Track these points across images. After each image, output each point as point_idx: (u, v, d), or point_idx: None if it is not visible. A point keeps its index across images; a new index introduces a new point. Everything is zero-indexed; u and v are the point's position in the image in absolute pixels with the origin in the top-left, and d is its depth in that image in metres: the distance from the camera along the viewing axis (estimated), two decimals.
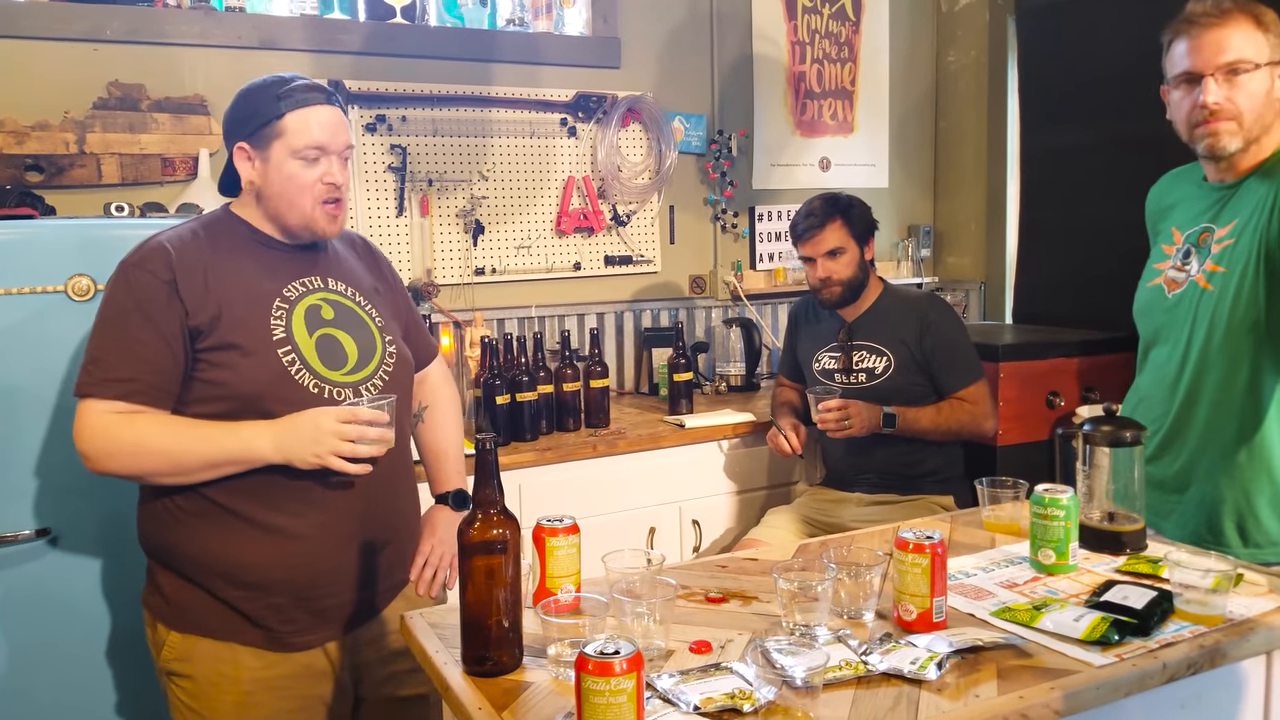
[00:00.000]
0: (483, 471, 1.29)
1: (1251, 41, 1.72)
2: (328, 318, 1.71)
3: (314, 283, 1.73)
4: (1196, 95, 1.74)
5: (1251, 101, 1.73)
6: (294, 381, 1.63)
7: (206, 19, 2.82)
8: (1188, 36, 1.76)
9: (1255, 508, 1.76)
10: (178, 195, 2.68)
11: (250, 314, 1.63)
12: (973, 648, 1.29)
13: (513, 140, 3.24)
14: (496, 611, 1.27)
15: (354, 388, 1.68)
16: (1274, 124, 1.77)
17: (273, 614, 1.63)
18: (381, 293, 1.85)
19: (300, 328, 1.66)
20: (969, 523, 1.87)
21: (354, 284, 1.79)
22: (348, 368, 1.69)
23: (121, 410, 1.57)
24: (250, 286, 1.66)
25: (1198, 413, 1.81)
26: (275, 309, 1.66)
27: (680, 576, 1.63)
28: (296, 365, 1.64)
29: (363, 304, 1.78)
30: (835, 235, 2.65)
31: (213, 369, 1.60)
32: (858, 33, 3.83)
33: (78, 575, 2.05)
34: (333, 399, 1.65)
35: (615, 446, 2.75)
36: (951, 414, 2.57)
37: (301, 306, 1.69)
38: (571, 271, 3.36)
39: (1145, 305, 1.96)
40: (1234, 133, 1.74)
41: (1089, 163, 3.37)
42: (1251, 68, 1.72)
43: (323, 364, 1.66)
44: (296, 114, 1.65)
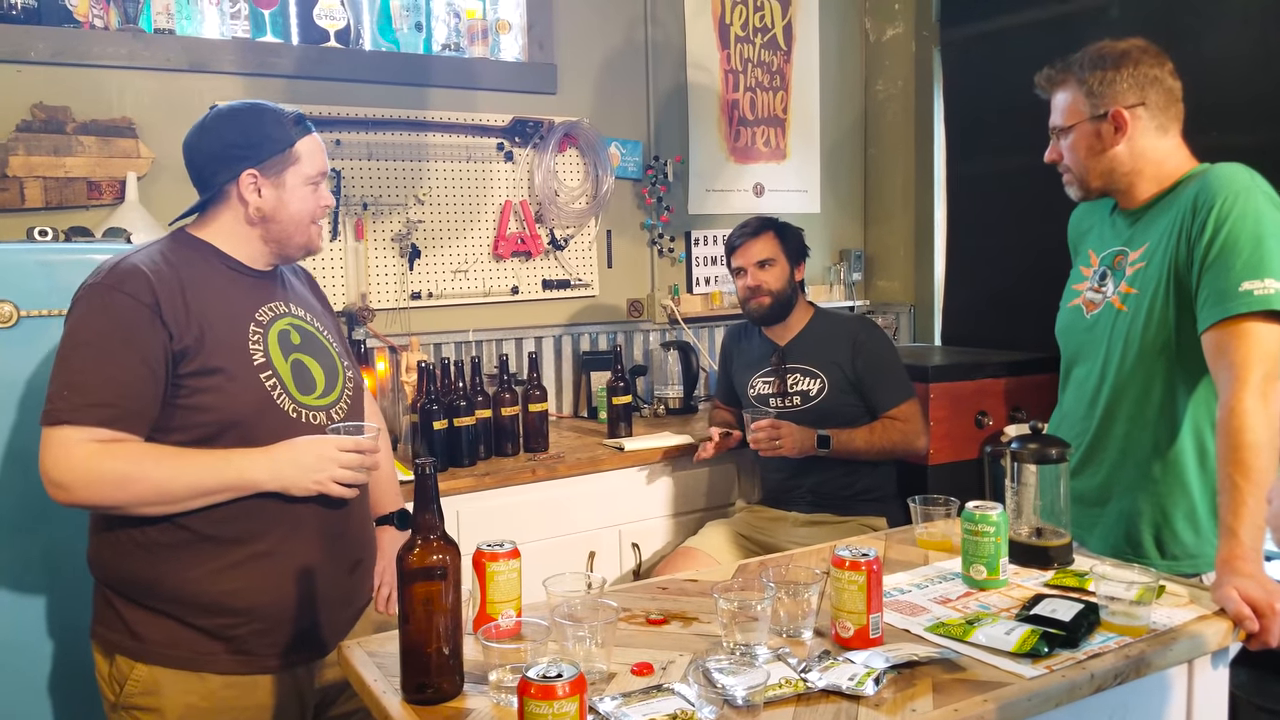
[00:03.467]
0: (422, 496, 1.28)
1: (1065, 105, 1.90)
2: (296, 342, 1.72)
3: (280, 308, 1.74)
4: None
5: (1074, 155, 1.89)
6: (275, 406, 1.64)
7: (135, 41, 2.77)
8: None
9: (1171, 521, 1.82)
10: (104, 219, 2.63)
11: (230, 337, 1.63)
12: (909, 663, 1.32)
13: (449, 165, 3.23)
14: (436, 638, 1.26)
15: (325, 411, 1.71)
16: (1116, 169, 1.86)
17: (255, 638, 1.62)
18: (329, 319, 1.88)
19: (276, 352, 1.67)
20: (903, 540, 1.91)
21: (309, 310, 1.82)
22: (318, 392, 1.72)
23: (103, 438, 1.51)
24: (227, 310, 1.65)
25: (1115, 429, 1.88)
26: (252, 333, 1.66)
27: (621, 598, 1.63)
28: (277, 390, 1.65)
29: (320, 329, 1.80)
30: (767, 246, 2.74)
31: (195, 394, 1.57)
32: (789, 62, 3.91)
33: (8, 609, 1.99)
34: (308, 423, 1.67)
35: (554, 470, 2.74)
36: (885, 433, 2.62)
37: (274, 331, 1.70)
38: (509, 295, 3.36)
39: (1065, 325, 2.03)
40: (1071, 183, 1.94)
41: (1011, 190, 3.47)
42: (1063, 131, 1.90)
43: (297, 388, 1.68)
44: (305, 142, 1.71)
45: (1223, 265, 1.67)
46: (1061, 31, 3.27)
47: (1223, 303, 1.66)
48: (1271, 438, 1.57)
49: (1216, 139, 2.83)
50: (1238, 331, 1.64)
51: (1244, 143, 2.73)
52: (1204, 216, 1.71)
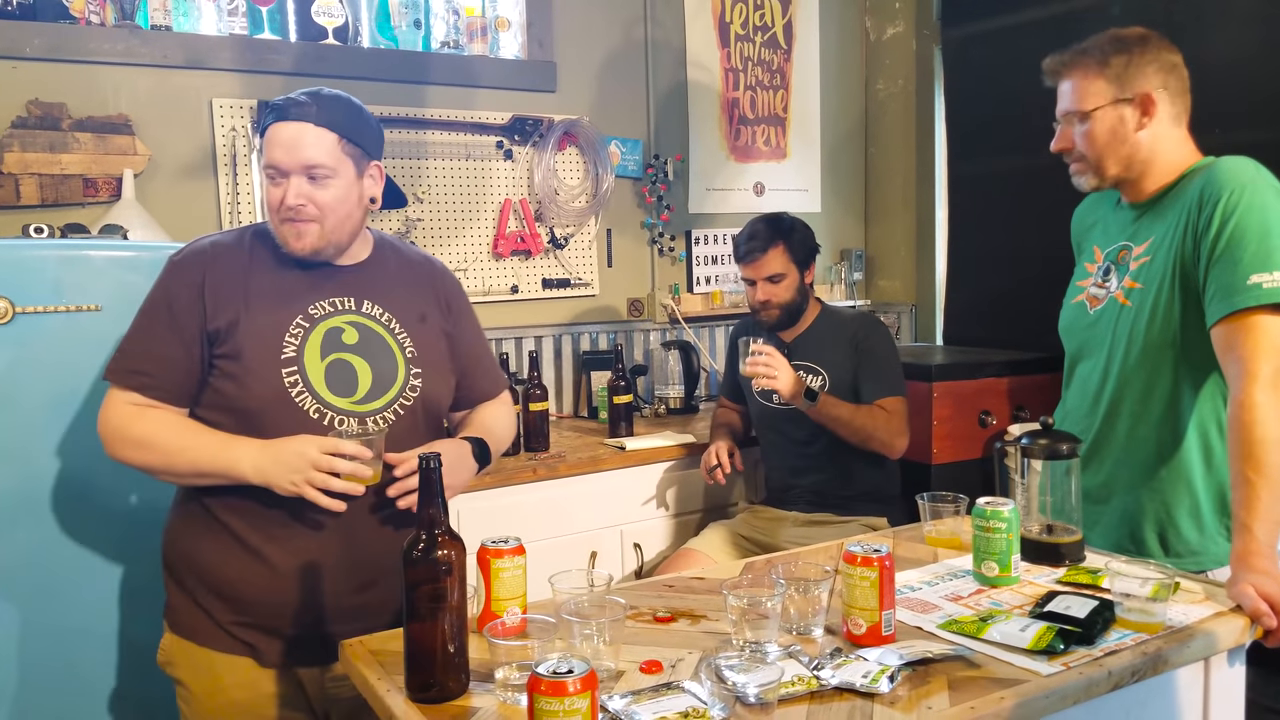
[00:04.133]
0: (427, 491, 1.26)
1: (1082, 89, 1.82)
2: (349, 342, 1.66)
3: (345, 304, 1.69)
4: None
5: (1091, 143, 1.82)
6: (293, 403, 1.59)
7: (131, 37, 2.75)
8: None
9: (1175, 518, 1.80)
10: (100, 216, 2.60)
11: (266, 328, 1.62)
12: (923, 660, 1.29)
13: (448, 163, 3.21)
14: (442, 635, 1.23)
15: (360, 417, 1.63)
16: (1137, 156, 1.82)
17: (249, 632, 1.62)
18: (430, 323, 1.77)
19: (314, 349, 1.63)
20: (910, 538, 1.89)
21: (394, 310, 1.73)
22: (358, 395, 1.64)
23: (138, 403, 1.62)
24: (275, 301, 1.64)
25: (1119, 426, 1.85)
26: (294, 327, 1.63)
27: (627, 596, 1.60)
28: (299, 387, 1.60)
29: (397, 331, 1.71)
30: (776, 261, 2.66)
31: (221, 378, 1.61)
32: (789, 60, 3.89)
33: None
34: (333, 426, 1.61)
35: (555, 470, 2.72)
36: (870, 416, 2.55)
37: (323, 327, 1.65)
38: (509, 294, 3.33)
39: (1069, 322, 2.00)
40: (1083, 172, 1.87)
41: (1013, 189, 3.46)
42: (1080, 117, 1.83)
43: (329, 389, 1.62)
44: (269, 131, 1.65)
45: (1230, 259, 1.65)
46: (1062, 30, 3.24)
47: (1231, 296, 1.64)
48: None
49: (1219, 137, 2.84)
50: (1247, 325, 1.62)
51: (1246, 141, 2.71)
52: (1210, 210, 1.69)
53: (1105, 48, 1.82)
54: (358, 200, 1.68)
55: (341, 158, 1.65)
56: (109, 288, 2.09)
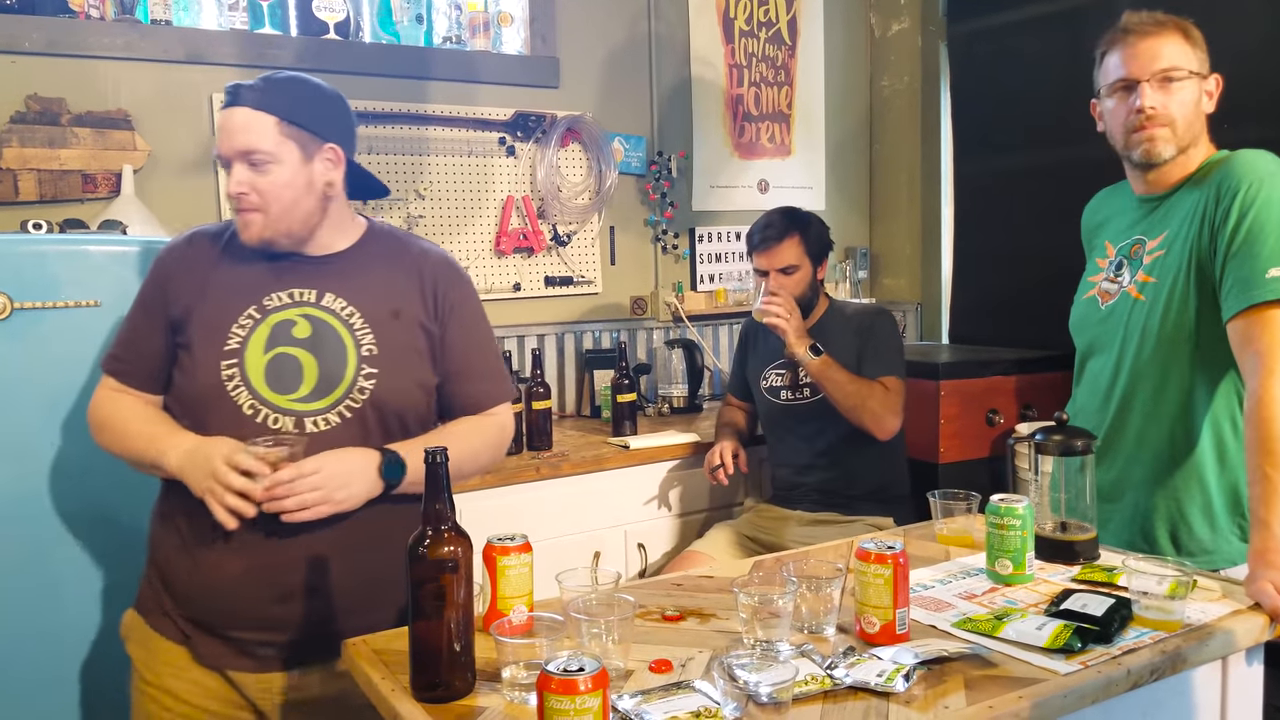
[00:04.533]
0: (433, 486, 1.23)
1: (1183, 52, 1.77)
2: (299, 336, 1.57)
3: (305, 295, 1.60)
4: (1133, 101, 1.77)
5: (1183, 109, 1.76)
6: (228, 397, 1.53)
7: (131, 31, 2.72)
8: (1123, 45, 1.79)
9: (1187, 516, 1.78)
10: (100, 212, 2.57)
11: (216, 318, 1.57)
12: (938, 658, 1.26)
13: (450, 159, 3.18)
14: (448, 634, 1.21)
15: (299, 417, 1.54)
16: (1200, 136, 1.81)
17: (187, 624, 1.59)
18: (405, 319, 1.63)
19: (259, 342, 1.56)
20: (922, 536, 1.86)
21: (360, 303, 1.61)
22: (300, 394, 1.55)
23: (114, 388, 1.65)
24: (231, 291, 1.59)
25: (1131, 422, 1.83)
26: (243, 318, 1.57)
27: (635, 595, 1.57)
28: (235, 381, 1.54)
29: (356, 326, 1.59)
30: (791, 252, 2.63)
31: (176, 368, 1.61)
32: (794, 57, 3.87)
33: None
34: (265, 425, 1.53)
35: (559, 469, 2.69)
36: (868, 388, 2.49)
37: (273, 319, 1.57)
38: (511, 292, 3.31)
39: (1080, 318, 1.98)
40: (1168, 139, 1.77)
41: (1020, 186, 3.43)
42: (1185, 75, 1.76)
43: (268, 385, 1.54)
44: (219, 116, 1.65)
45: (1248, 252, 1.63)
46: (1069, 25, 3.23)
47: (1248, 290, 1.62)
48: None
49: (1229, 133, 2.81)
50: (1264, 319, 1.60)
51: (1255, 137, 2.69)
52: (1228, 203, 1.67)
53: (1182, 23, 1.78)
54: (306, 186, 1.57)
55: (282, 141, 1.54)
56: (108, 283, 2.06)
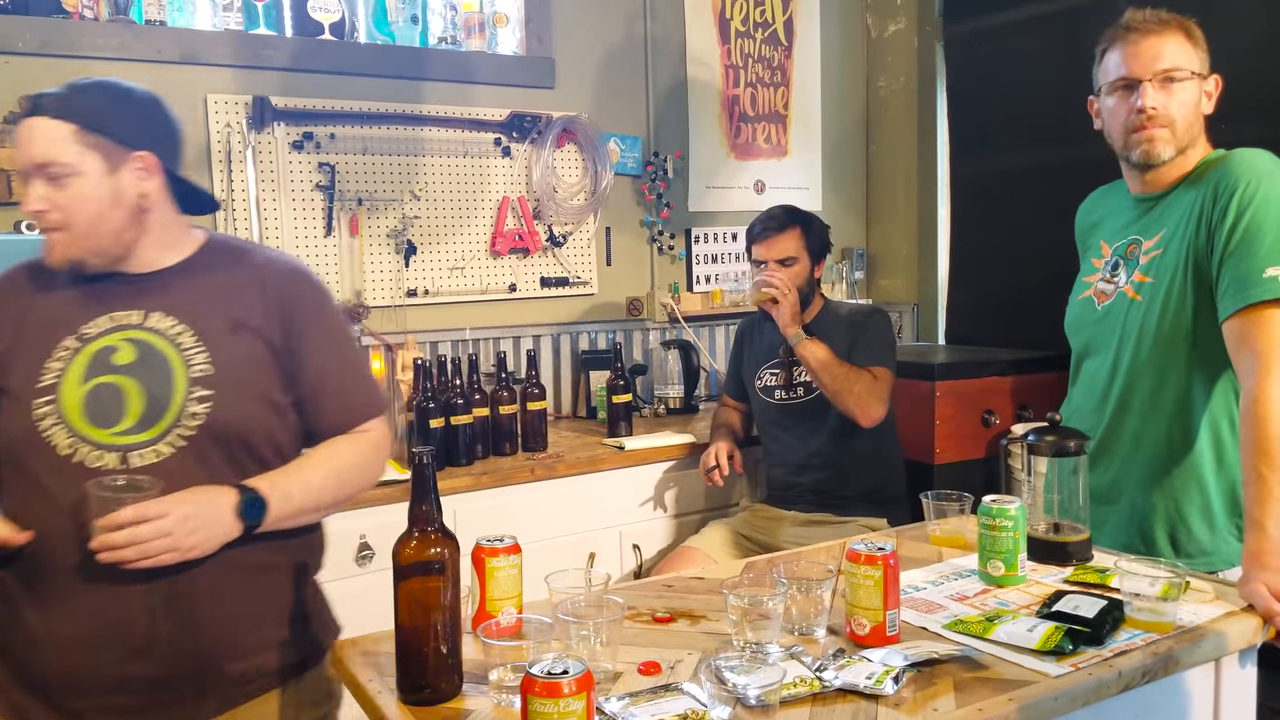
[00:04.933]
0: (419, 487, 1.22)
1: (1184, 52, 1.76)
2: (121, 362, 1.40)
3: (128, 317, 1.44)
4: (1133, 100, 1.76)
5: (1184, 110, 1.75)
6: (40, 439, 1.37)
7: (125, 32, 2.72)
8: (1124, 44, 1.78)
9: (1186, 518, 1.77)
10: None
11: (33, 354, 1.41)
12: (928, 661, 1.26)
13: (445, 159, 3.18)
14: (434, 636, 1.20)
15: (122, 452, 1.37)
16: (1199, 137, 1.80)
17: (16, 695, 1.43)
18: (246, 336, 1.47)
19: (76, 374, 1.39)
20: (914, 537, 1.85)
21: (191, 320, 1.45)
22: (123, 425, 1.38)
23: None
24: (50, 321, 1.43)
25: (1128, 423, 1.82)
26: (60, 349, 1.41)
27: (626, 596, 1.57)
28: (48, 420, 1.38)
29: (185, 346, 1.43)
30: (791, 243, 2.63)
31: None
32: (790, 57, 3.86)
33: None
34: (82, 465, 1.36)
35: (553, 470, 2.69)
36: (855, 373, 2.48)
37: (93, 347, 1.42)
38: (506, 293, 3.30)
39: (1076, 318, 1.97)
40: (1168, 140, 1.76)
41: (1017, 186, 3.42)
42: (1187, 75, 1.75)
43: (88, 420, 1.38)
44: None
45: (1245, 251, 1.62)
46: (1067, 25, 3.22)
47: (1245, 290, 1.61)
48: None
49: (1226, 133, 2.81)
50: (1261, 319, 1.59)
51: (1253, 138, 2.68)
52: (1225, 202, 1.66)
53: (1185, 22, 1.77)
54: (113, 199, 1.40)
55: (82, 151, 1.38)
56: None
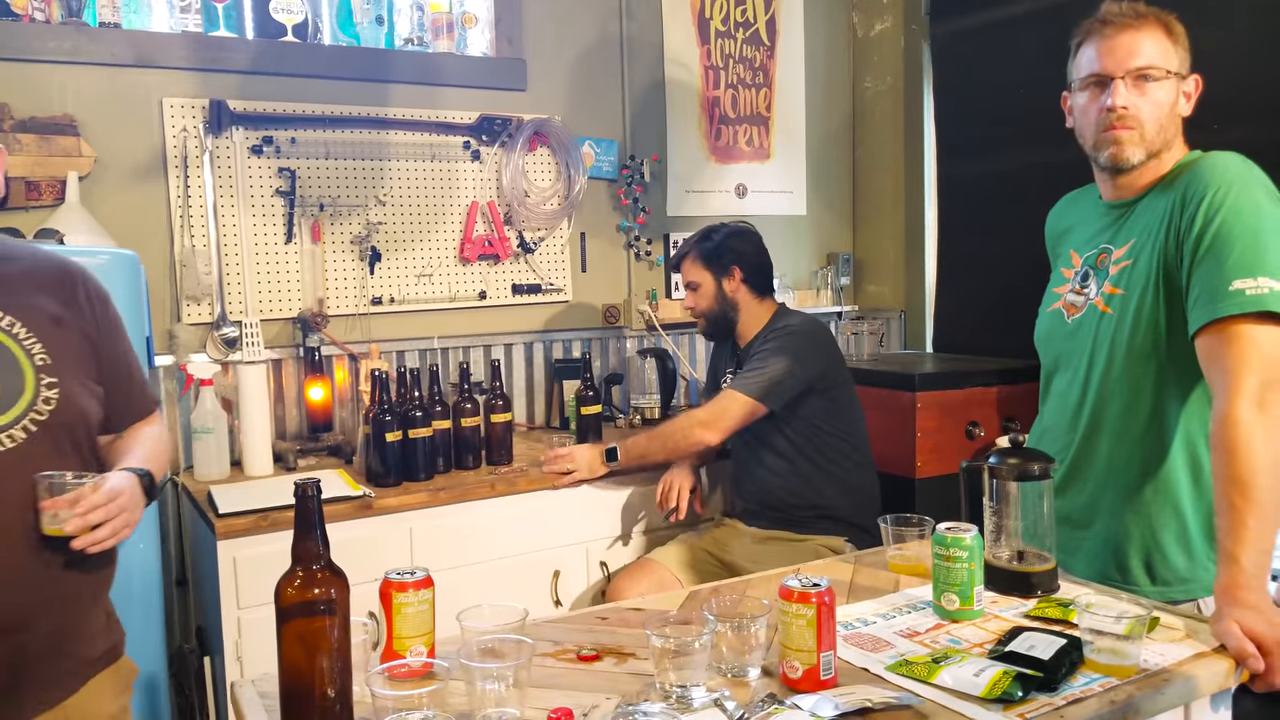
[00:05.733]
0: (303, 522, 1.12)
1: (1162, 50, 1.65)
2: None
3: None
4: (1104, 99, 1.65)
5: (1156, 111, 1.64)
6: None
7: (78, 34, 2.63)
8: (1099, 38, 1.67)
9: (1162, 544, 1.66)
10: (43, 221, 2.49)
11: None
12: (860, 710, 1.15)
13: (412, 164, 3.08)
14: (320, 680, 1.11)
15: None
16: (1174, 140, 1.69)
17: None
18: (68, 327, 1.53)
19: None
20: (873, 564, 1.75)
21: (18, 313, 1.48)
22: None
23: None
24: None
25: (1100, 444, 1.71)
26: None
27: (555, 631, 1.48)
28: None
29: (22, 336, 1.47)
30: (689, 269, 2.74)
31: None
32: (773, 58, 3.76)
33: None
34: None
35: (515, 485, 2.59)
36: (666, 428, 2.59)
37: None
38: (477, 301, 3.21)
39: (1045, 332, 1.86)
40: (1136, 143, 1.65)
41: (1004, 189, 3.32)
42: (1162, 75, 1.64)
43: None
44: None
45: (1214, 262, 1.51)
46: (1054, 24, 3.08)
47: (1213, 303, 1.50)
48: (1273, 451, 1.40)
49: (1217, 133, 2.70)
50: (1230, 334, 1.47)
51: (1243, 137, 2.58)
52: (1194, 209, 1.55)
53: (1165, 17, 1.67)
54: None
55: None
56: None
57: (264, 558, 2.16)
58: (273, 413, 2.80)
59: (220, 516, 2.22)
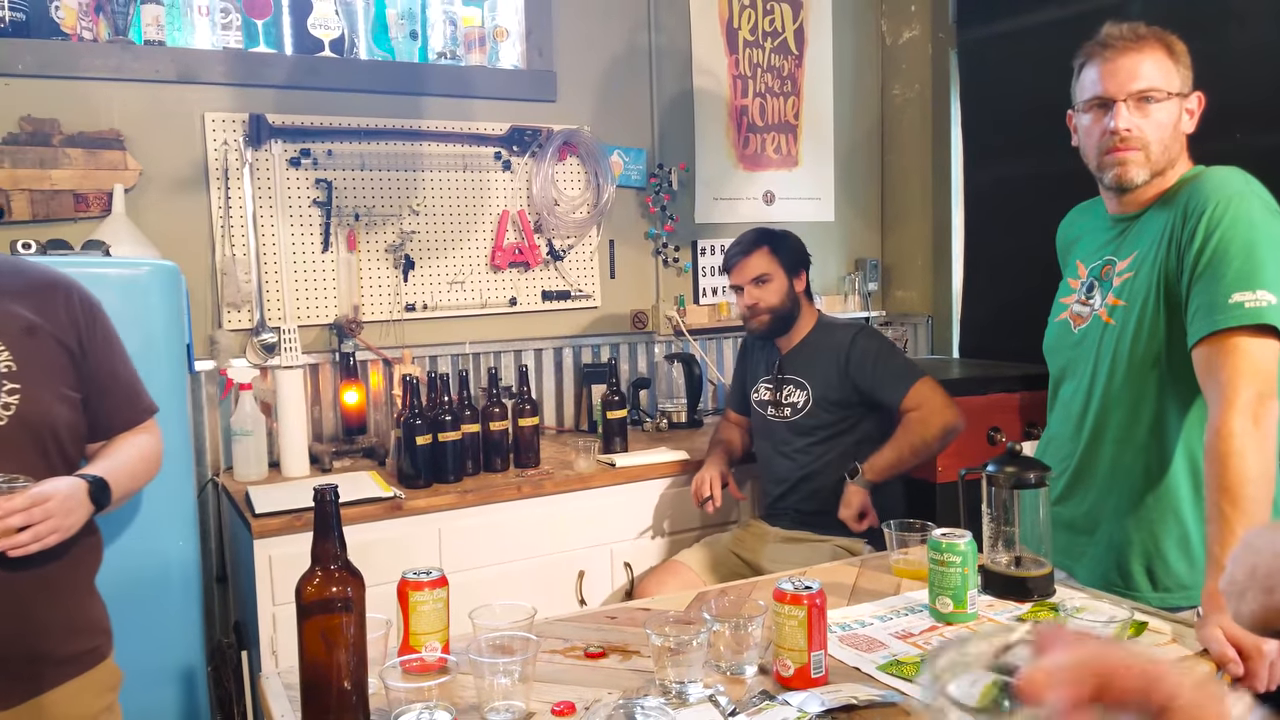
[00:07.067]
0: (322, 524, 1.21)
1: (1163, 70, 1.68)
2: None
3: None
4: (1107, 121, 1.68)
5: (1159, 132, 1.67)
6: None
7: (124, 53, 2.76)
8: (1101, 61, 1.71)
9: (1163, 550, 1.69)
10: (90, 232, 2.61)
11: None
12: (846, 706, 1.21)
13: (445, 174, 3.18)
14: (338, 675, 1.18)
15: None
16: (1179, 157, 1.72)
17: None
18: (42, 336, 1.56)
19: None
20: (878, 567, 1.80)
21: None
22: None
23: None
24: None
25: (1103, 452, 1.74)
26: None
27: (566, 629, 1.55)
28: None
29: None
30: (761, 261, 2.64)
31: None
32: (800, 66, 3.81)
33: None
34: None
35: (541, 487, 2.67)
36: (905, 434, 2.48)
37: None
38: (507, 307, 3.29)
39: (1053, 341, 1.90)
40: (1141, 163, 1.68)
41: (1031, 195, 3.33)
42: (1163, 96, 1.67)
43: None
44: None
45: (1213, 275, 1.54)
46: (1080, 31, 3.08)
47: (1212, 315, 1.53)
48: (1264, 462, 1.44)
49: (1240, 141, 2.70)
50: (1227, 346, 1.51)
51: (1268, 145, 2.58)
52: (1195, 223, 1.58)
53: (1165, 36, 1.69)
54: None
55: None
56: None
57: (297, 556, 2.21)
58: (309, 416, 2.90)
59: (257, 516, 2.32)
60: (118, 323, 1.78)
